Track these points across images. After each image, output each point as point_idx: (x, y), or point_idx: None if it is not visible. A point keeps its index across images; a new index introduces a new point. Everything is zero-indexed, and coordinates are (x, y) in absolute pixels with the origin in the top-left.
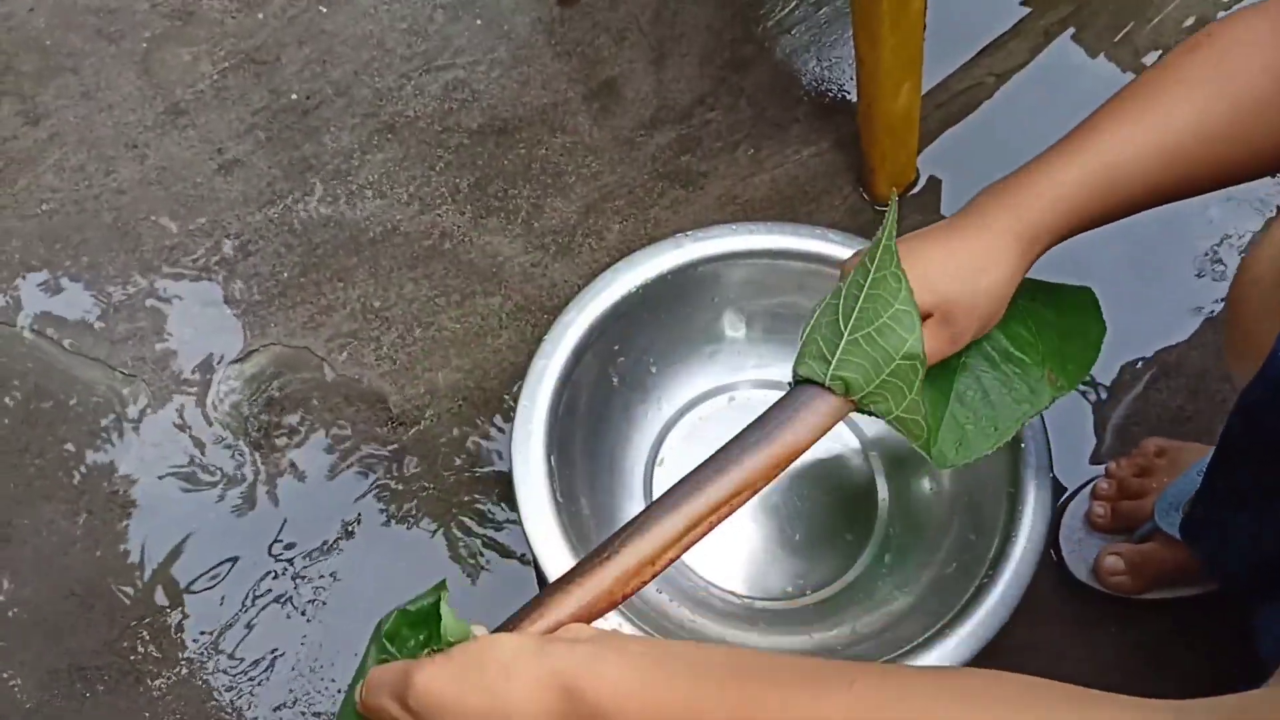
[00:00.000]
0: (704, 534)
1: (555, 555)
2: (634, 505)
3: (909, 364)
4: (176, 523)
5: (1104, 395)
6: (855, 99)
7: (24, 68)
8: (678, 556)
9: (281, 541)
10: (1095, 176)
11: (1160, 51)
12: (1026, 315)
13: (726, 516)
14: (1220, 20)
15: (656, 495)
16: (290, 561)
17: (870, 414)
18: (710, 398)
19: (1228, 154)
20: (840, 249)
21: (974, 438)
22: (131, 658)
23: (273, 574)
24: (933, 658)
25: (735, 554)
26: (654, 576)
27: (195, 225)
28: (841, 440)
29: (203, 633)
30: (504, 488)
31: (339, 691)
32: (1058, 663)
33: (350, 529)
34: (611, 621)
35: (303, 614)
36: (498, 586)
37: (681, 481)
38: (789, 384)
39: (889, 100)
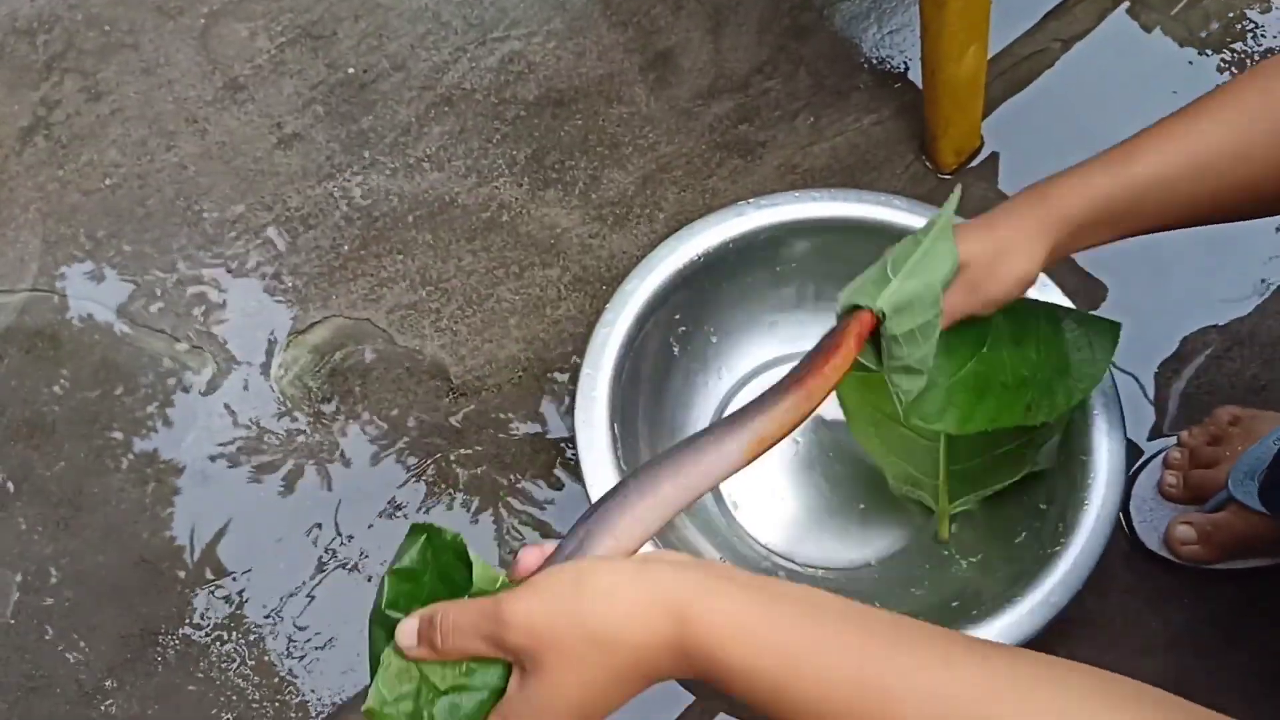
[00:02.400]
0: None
1: None
2: None
3: (935, 314)
4: (241, 491)
5: (1177, 364)
6: (917, 66)
7: (85, 45)
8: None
9: (344, 510)
10: (1125, 180)
11: (1232, 14)
12: (1040, 340)
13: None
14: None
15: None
16: (353, 530)
17: (883, 347)
18: (771, 368)
19: (1264, 178)
20: (907, 216)
21: (951, 415)
22: (200, 624)
23: (336, 543)
24: (1003, 625)
25: (799, 523)
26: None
27: (256, 199)
28: None
29: (269, 600)
30: (565, 458)
31: None
32: (1129, 633)
33: (412, 499)
34: None
35: (368, 580)
36: None
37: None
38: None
39: (954, 64)
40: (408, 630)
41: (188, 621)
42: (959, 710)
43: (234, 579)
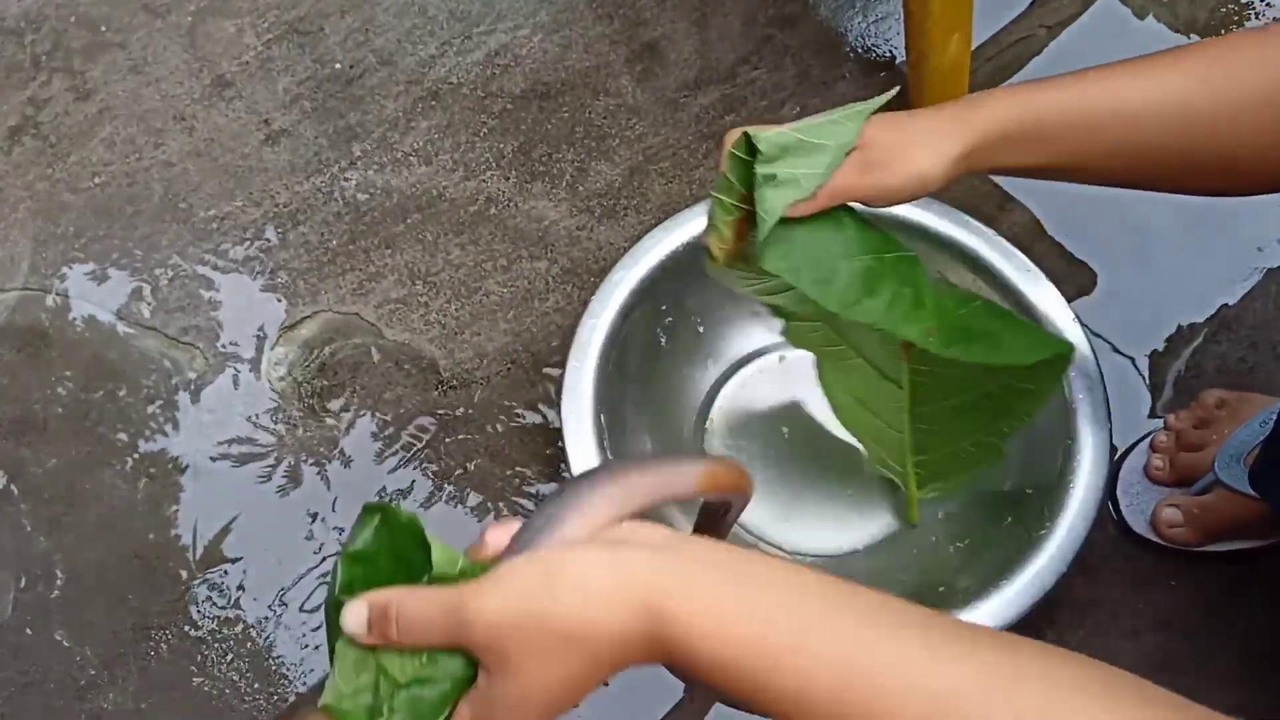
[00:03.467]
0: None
1: None
2: None
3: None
4: (234, 486)
5: (1162, 348)
6: (903, 55)
7: (73, 44)
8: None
9: (338, 504)
10: (1051, 102)
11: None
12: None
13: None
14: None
15: (706, 456)
16: (345, 523)
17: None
18: (758, 357)
19: (1205, 144)
20: None
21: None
22: (194, 618)
23: (329, 536)
24: (991, 608)
25: (787, 510)
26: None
27: (244, 195)
28: None
29: (263, 594)
30: (555, 449)
31: None
32: (1116, 615)
33: (403, 492)
34: None
35: None
36: None
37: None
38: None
39: (938, 52)
40: (355, 617)
41: (182, 616)
42: (948, 707)
43: (228, 573)
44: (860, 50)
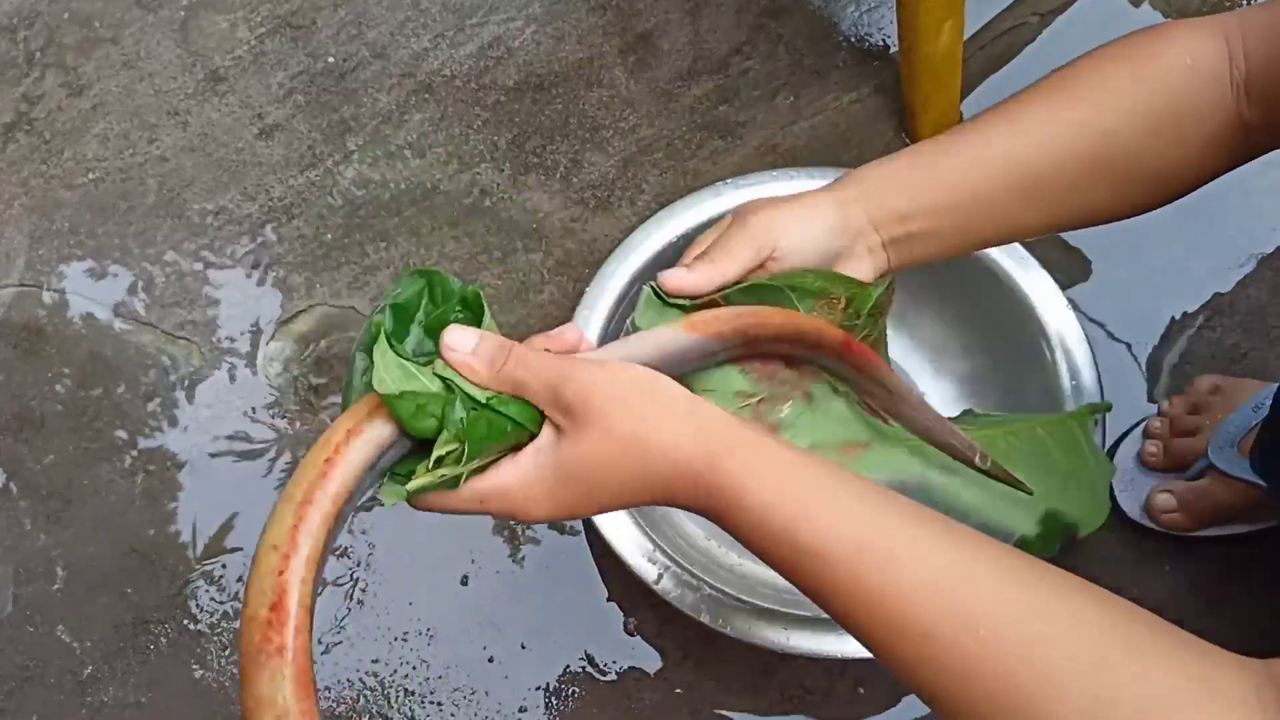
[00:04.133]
0: None
1: None
2: None
3: None
4: (230, 480)
5: (1157, 334)
6: (896, 43)
7: (66, 40)
8: None
9: None
10: (932, 147)
11: None
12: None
13: None
14: (1134, 32)
15: None
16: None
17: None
18: None
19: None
20: None
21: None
22: (193, 610)
23: None
24: None
25: None
26: None
27: (239, 190)
28: None
29: None
30: None
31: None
32: None
33: None
34: (658, 565)
35: (357, 564)
36: (544, 557)
37: None
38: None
39: (930, 41)
40: (464, 338)
41: (180, 610)
42: (952, 592)
43: (227, 567)
44: (853, 39)
